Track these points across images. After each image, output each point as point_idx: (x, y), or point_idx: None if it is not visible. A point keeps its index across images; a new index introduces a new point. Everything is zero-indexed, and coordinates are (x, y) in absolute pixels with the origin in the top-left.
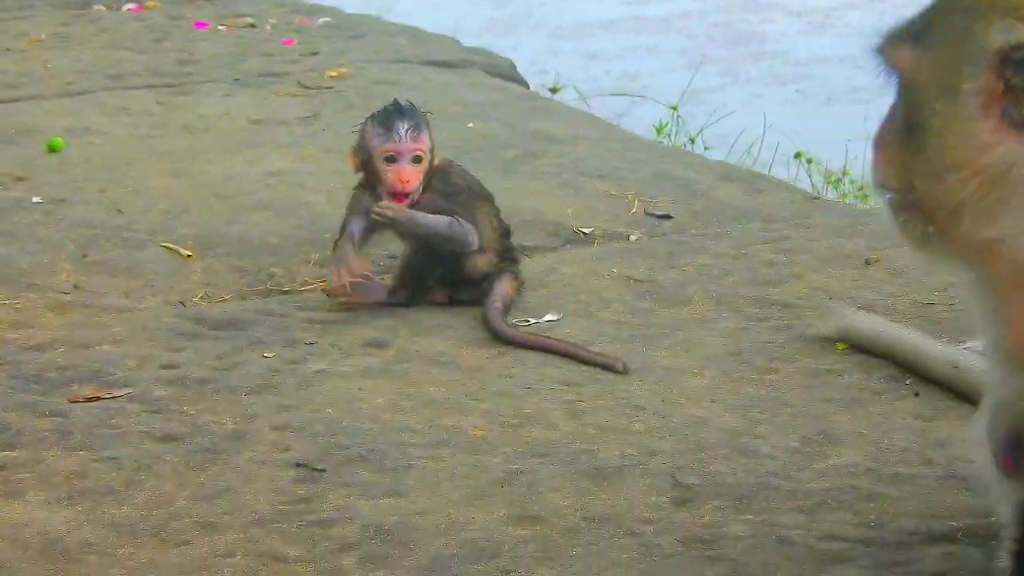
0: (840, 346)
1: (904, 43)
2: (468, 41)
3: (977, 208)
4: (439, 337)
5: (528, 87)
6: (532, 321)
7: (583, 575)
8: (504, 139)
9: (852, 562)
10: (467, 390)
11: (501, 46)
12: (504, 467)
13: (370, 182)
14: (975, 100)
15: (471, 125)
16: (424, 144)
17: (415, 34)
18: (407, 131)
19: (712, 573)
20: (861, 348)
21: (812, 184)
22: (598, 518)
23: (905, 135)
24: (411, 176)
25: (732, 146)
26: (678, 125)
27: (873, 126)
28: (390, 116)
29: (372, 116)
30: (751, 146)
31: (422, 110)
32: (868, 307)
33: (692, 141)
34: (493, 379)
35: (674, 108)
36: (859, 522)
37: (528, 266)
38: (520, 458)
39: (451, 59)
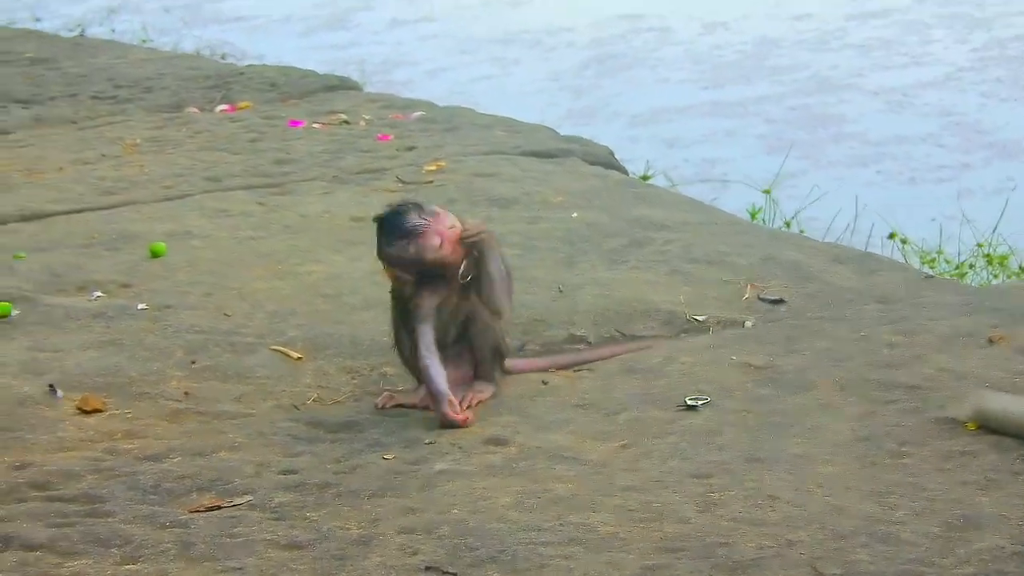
0: (971, 426)
1: None
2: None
3: None
4: (560, 432)
5: (627, 174)
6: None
7: None
8: (609, 228)
9: None
10: (594, 485)
11: (579, 135)
12: (639, 563)
13: (428, 278)
14: None
15: (575, 215)
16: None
17: (510, 124)
18: (429, 210)
19: None
20: (993, 429)
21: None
22: None
23: None
24: (460, 221)
25: (828, 229)
26: (772, 209)
27: (958, 205)
28: (405, 217)
29: (384, 233)
30: (843, 231)
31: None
32: (996, 386)
33: (788, 225)
34: (619, 473)
35: (767, 192)
36: None
37: (645, 357)
38: (655, 554)
39: (549, 148)
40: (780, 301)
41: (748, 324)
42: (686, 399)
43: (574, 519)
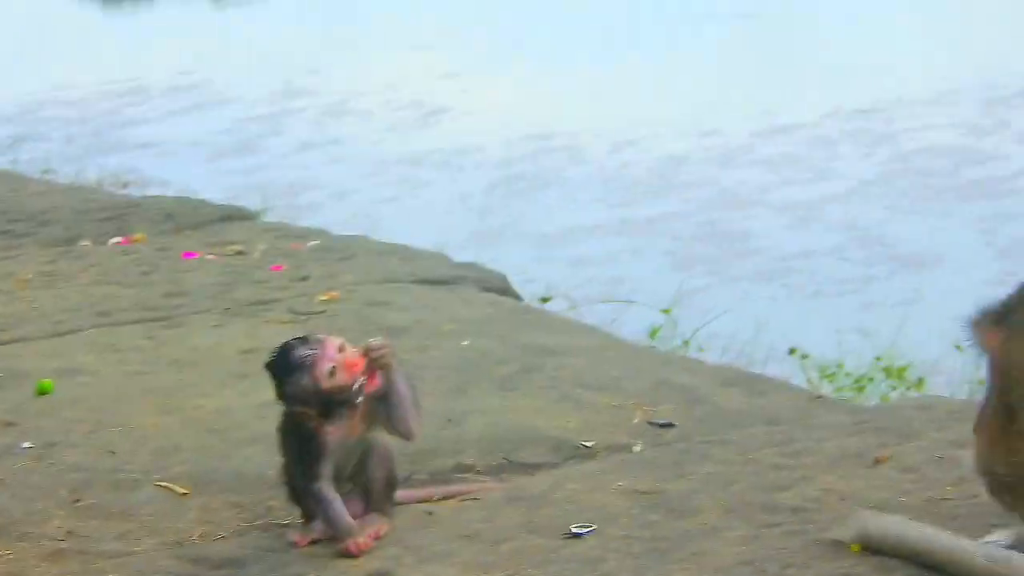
0: (855, 548)
1: (993, 325)
2: (456, 255)
3: None
4: (444, 563)
5: (520, 300)
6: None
7: None
8: (500, 355)
9: None
10: None
11: (487, 257)
12: None
13: (331, 409)
14: None
15: (466, 343)
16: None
17: (405, 253)
18: (314, 340)
19: None
20: (876, 550)
21: (808, 379)
22: None
23: (1000, 416)
24: (359, 359)
25: (725, 348)
26: (672, 329)
27: (861, 317)
28: (292, 353)
29: (277, 374)
30: (744, 346)
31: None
32: (881, 506)
33: (687, 344)
34: None
35: (666, 311)
36: None
37: (531, 484)
38: None
39: (443, 276)
40: (669, 425)
41: (636, 449)
42: (571, 527)
43: None
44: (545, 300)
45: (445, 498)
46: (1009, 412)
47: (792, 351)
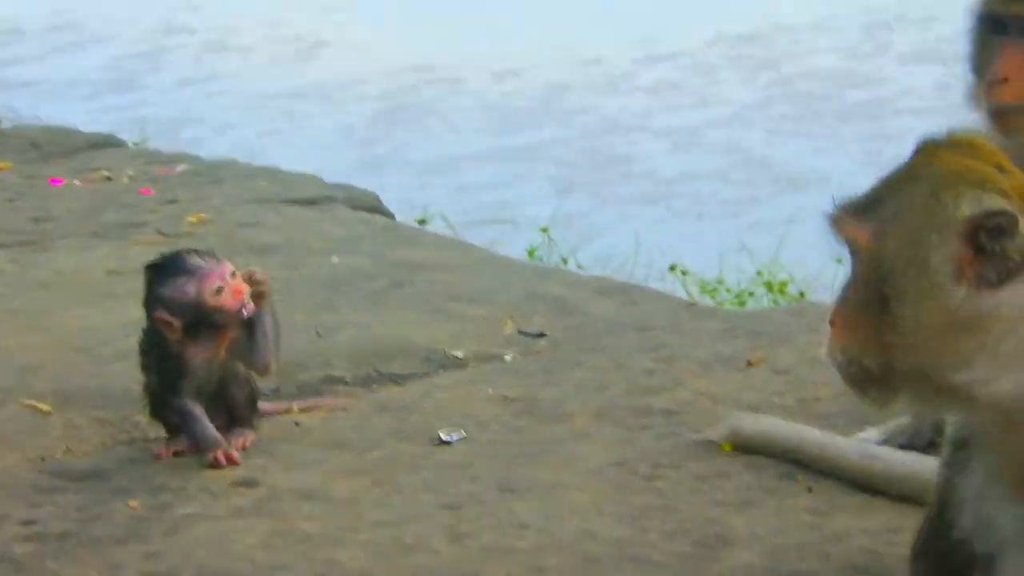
0: (726, 447)
1: (862, 218)
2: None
3: (955, 358)
4: (311, 471)
5: (394, 218)
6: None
7: None
8: (370, 271)
9: None
10: (344, 523)
11: (370, 185)
12: None
13: (198, 327)
14: (947, 266)
15: (335, 260)
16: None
17: (275, 175)
18: (210, 255)
19: None
20: (748, 449)
21: (689, 295)
22: None
23: (868, 307)
24: (244, 288)
25: (604, 267)
26: (551, 248)
27: (744, 237)
28: (186, 259)
29: (161, 275)
30: (624, 264)
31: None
32: (753, 408)
33: (565, 262)
34: (369, 510)
35: (544, 230)
36: None
37: (401, 394)
38: None
39: (313, 196)
40: (541, 335)
41: (507, 358)
42: (439, 434)
43: (321, 555)
44: (422, 222)
45: (308, 409)
46: (882, 302)
47: (672, 268)
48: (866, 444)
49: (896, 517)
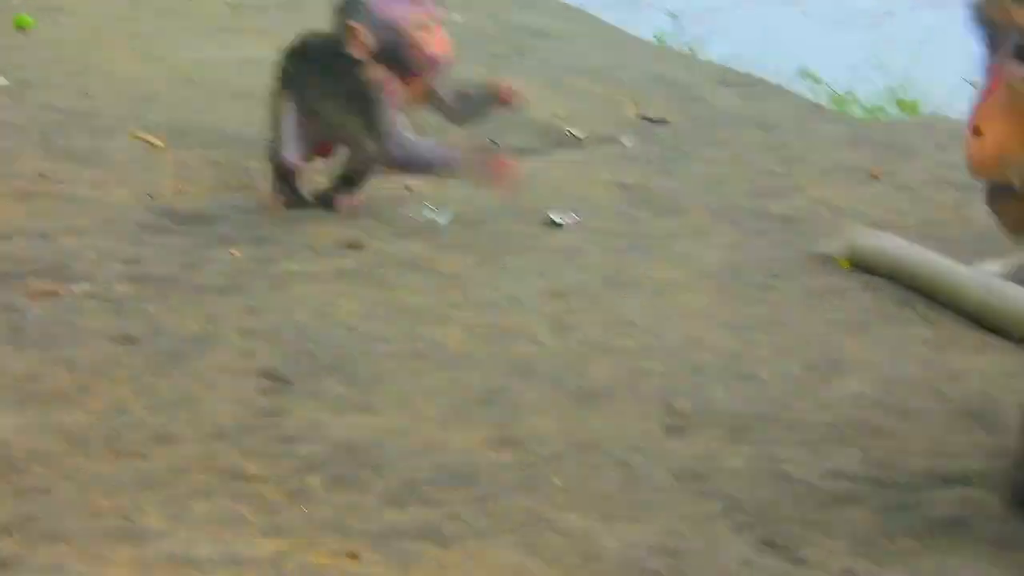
0: (844, 264)
1: None
2: None
3: None
4: (418, 240)
5: None
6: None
7: (566, 506)
8: (492, 34)
9: (858, 503)
10: (447, 299)
11: None
12: (484, 385)
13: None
14: None
15: (458, 18)
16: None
17: None
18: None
19: (706, 509)
20: (867, 268)
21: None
22: (584, 444)
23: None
24: (447, 43)
25: (732, 60)
26: (677, 37)
27: (878, 51)
28: None
29: None
30: (753, 63)
31: None
32: (874, 223)
33: (692, 50)
34: (475, 288)
35: (672, 16)
36: (865, 459)
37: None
38: (502, 375)
39: None
40: (663, 121)
41: (627, 143)
42: (551, 215)
43: (422, 332)
44: None
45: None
46: None
47: (805, 73)
48: (989, 276)
49: (1013, 360)
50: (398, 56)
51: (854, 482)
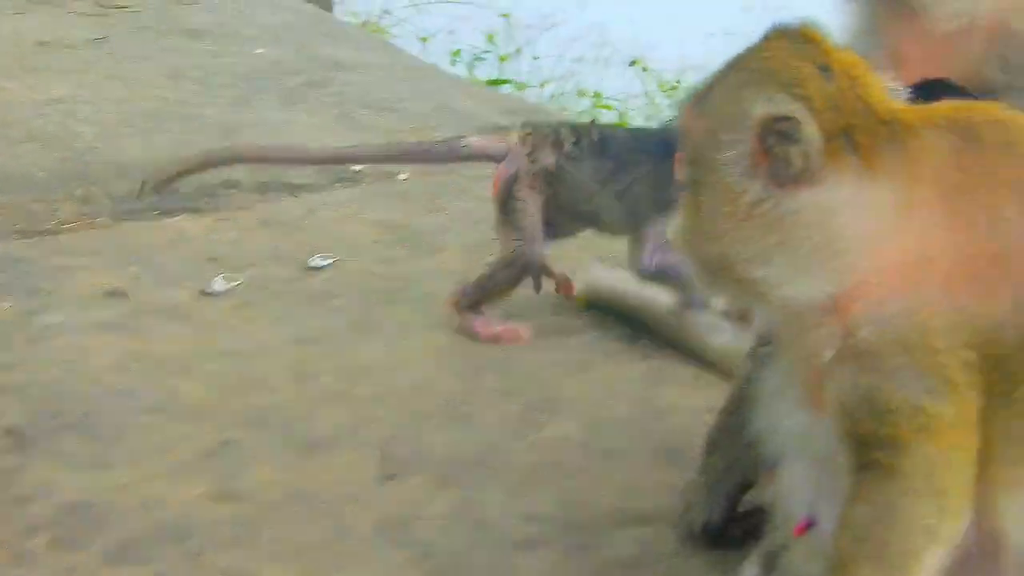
0: (580, 301)
1: (691, 105)
2: None
3: (754, 253)
4: (180, 287)
5: (330, 8)
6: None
7: (273, 559)
8: (291, 66)
9: (546, 545)
10: (197, 349)
11: None
12: (216, 437)
13: None
14: (742, 161)
15: (261, 51)
16: None
17: None
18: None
19: (403, 558)
20: (600, 306)
21: (646, 92)
22: (301, 495)
23: (690, 195)
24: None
25: (564, 54)
26: (510, 35)
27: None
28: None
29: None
30: (584, 54)
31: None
32: (611, 261)
33: (518, 52)
34: (226, 337)
35: (505, 15)
36: (560, 500)
37: (290, 207)
38: (234, 427)
39: None
40: None
41: (402, 177)
42: (312, 258)
43: (167, 384)
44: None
45: None
46: (695, 190)
47: (634, 62)
48: (702, 315)
49: (722, 395)
50: None
51: (544, 524)
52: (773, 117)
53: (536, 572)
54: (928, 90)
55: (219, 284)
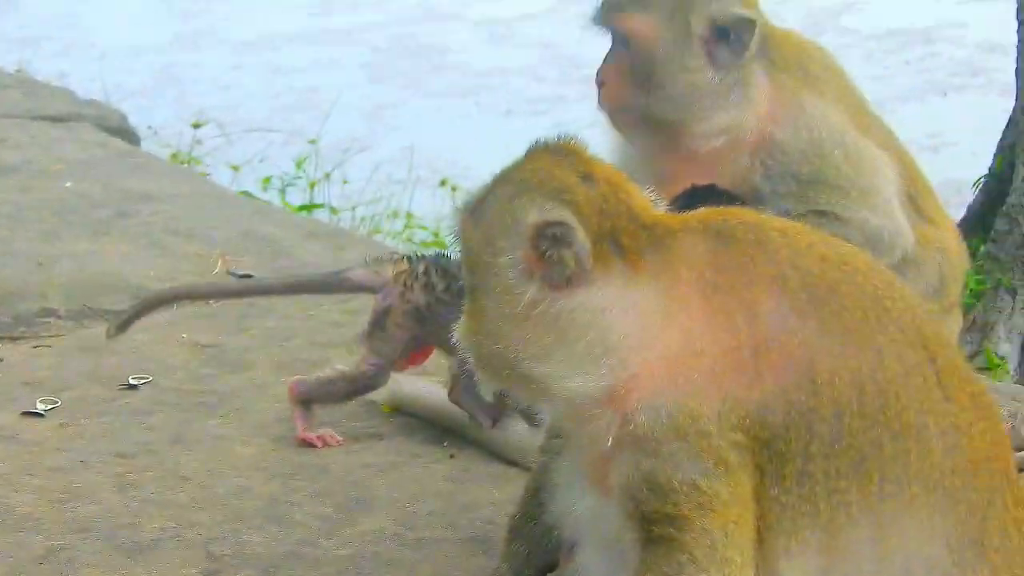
0: (385, 408)
1: (467, 214)
2: (150, 59)
3: (534, 351)
4: (2, 410)
5: (138, 142)
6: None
7: None
8: (99, 199)
9: None
10: (23, 465)
11: (184, 63)
12: (45, 544)
13: None
14: (518, 266)
15: (69, 184)
16: None
17: (30, 87)
18: None
19: None
20: (406, 411)
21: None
22: None
23: (472, 299)
24: None
25: (373, 177)
26: (318, 160)
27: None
28: None
29: None
30: (393, 174)
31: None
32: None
33: (327, 176)
34: (51, 454)
35: (312, 141)
36: None
37: (99, 334)
38: (62, 535)
39: (62, 113)
40: (248, 276)
41: (212, 302)
42: (129, 379)
43: None
44: (196, 125)
45: None
46: (474, 294)
47: (443, 182)
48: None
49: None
50: None
51: None
52: (546, 223)
53: None
54: (696, 197)
55: (40, 406)
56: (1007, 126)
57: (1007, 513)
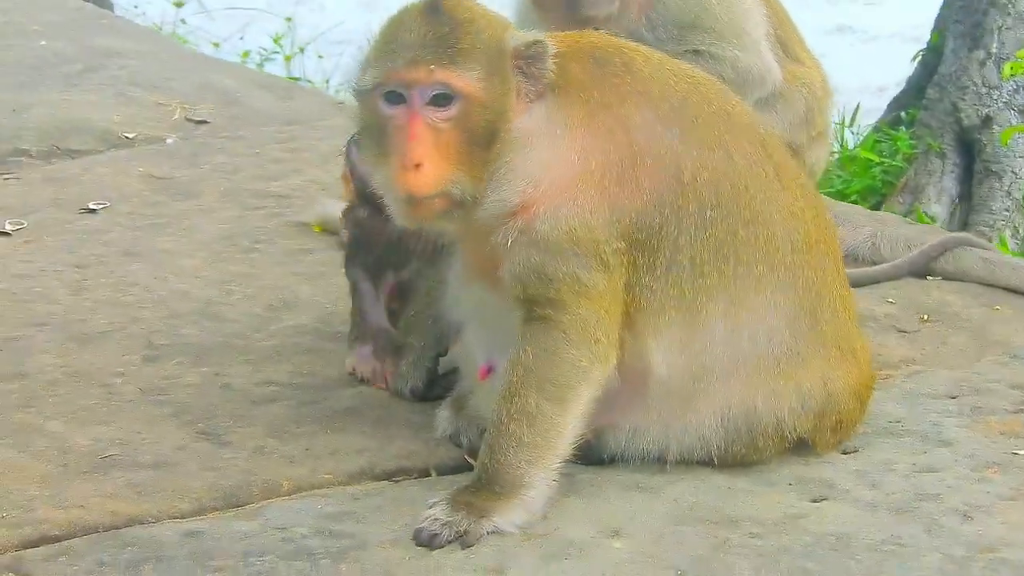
0: (317, 228)
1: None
2: None
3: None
4: None
5: (111, 8)
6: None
7: (56, 416)
8: (71, 55)
9: (279, 402)
10: None
11: None
12: (4, 335)
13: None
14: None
15: (43, 43)
16: None
17: None
18: None
19: (160, 413)
20: (334, 231)
21: None
22: (79, 373)
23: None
24: None
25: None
26: (293, 35)
27: None
28: None
29: None
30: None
31: None
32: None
33: (301, 50)
34: (15, 263)
35: (288, 19)
36: (294, 371)
37: (70, 167)
38: (21, 327)
39: None
40: (204, 122)
41: (169, 141)
42: (89, 203)
43: None
44: (179, 4)
45: None
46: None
47: None
48: None
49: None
50: None
51: (280, 387)
52: (527, 43)
53: (272, 419)
54: None
55: (7, 226)
56: (943, 3)
57: (836, 290)
